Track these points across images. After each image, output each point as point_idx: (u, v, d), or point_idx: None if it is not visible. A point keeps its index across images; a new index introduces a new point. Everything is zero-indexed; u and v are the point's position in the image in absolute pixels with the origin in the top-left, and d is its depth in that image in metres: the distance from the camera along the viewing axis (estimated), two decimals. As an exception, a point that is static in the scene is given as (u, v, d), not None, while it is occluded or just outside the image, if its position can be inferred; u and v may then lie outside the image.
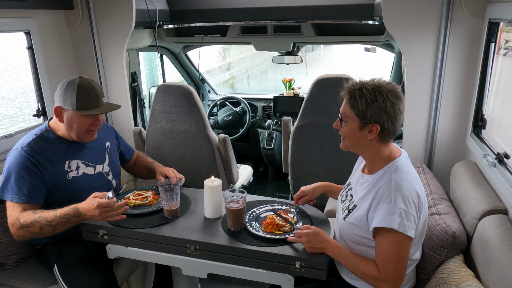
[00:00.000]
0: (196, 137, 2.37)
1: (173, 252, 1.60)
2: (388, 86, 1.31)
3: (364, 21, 2.69)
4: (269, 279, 1.51)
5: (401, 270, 1.29)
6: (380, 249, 1.31)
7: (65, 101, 1.67)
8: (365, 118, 1.30)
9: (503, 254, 1.24)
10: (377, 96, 1.28)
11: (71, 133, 1.74)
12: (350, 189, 1.53)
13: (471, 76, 1.99)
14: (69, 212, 1.59)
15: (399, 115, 1.31)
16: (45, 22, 2.29)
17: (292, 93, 3.63)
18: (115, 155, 2.01)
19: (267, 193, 3.81)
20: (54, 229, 1.60)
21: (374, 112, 1.29)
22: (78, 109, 1.66)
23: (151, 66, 4.11)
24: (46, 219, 1.58)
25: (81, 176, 1.78)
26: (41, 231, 1.59)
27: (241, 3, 2.82)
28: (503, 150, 1.63)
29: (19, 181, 1.62)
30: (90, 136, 1.77)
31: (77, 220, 1.61)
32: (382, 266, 1.29)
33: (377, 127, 1.31)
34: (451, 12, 1.92)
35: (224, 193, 1.61)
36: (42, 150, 1.69)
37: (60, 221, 1.59)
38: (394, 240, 1.27)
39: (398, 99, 1.31)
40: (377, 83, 1.31)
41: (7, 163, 1.67)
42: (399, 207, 1.26)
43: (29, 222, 1.58)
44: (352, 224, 1.41)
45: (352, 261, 1.37)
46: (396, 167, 1.34)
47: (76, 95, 1.65)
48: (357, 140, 1.36)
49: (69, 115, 1.69)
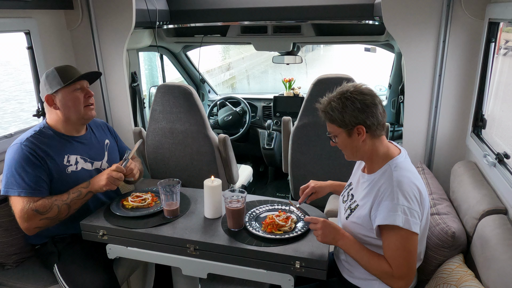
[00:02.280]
0: (196, 137, 2.37)
1: (173, 252, 1.60)
2: (351, 88, 1.37)
3: (364, 21, 2.69)
4: (269, 279, 1.51)
5: (412, 265, 1.30)
6: (388, 246, 1.31)
7: (51, 85, 1.72)
8: (346, 125, 1.36)
9: (503, 254, 1.24)
10: (345, 102, 1.34)
11: (71, 115, 1.76)
12: (351, 189, 1.54)
13: (471, 76, 1.99)
14: (80, 185, 1.72)
15: (374, 107, 1.34)
16: (45, 22, 2.29)
17: (292, 93, 3.63)
18: (114, 153, 2.02)
19: (267, 193, 3.81)
20: (69, 207, 1.68)
21: (350, 116, 1.34)
22: (64, 83, 1.71)
23: (151, 66, 4.11)
24: (61, 200, 1.67)
25: (80, 171, 1.79)
26: (59, 213, 1.66)
27: (241, 3, 2.82)
28: (503, 150, 1.63)
29: (23, 174, 1.63)
30: (90, 110, 1.81)
31: (86, 191, 1.72)
32: (393, 262, 1.29)
33: (362, 127, 1.34)
34: (451, 12, 1.92)
35: (224, 193, 1.61)
36: (41, 144, 1.70)
37: (74, 196, 1.69)
38: (400, 236, 1.27)
39: (365, 94, 1.35)
40: (340, 91, 1.38)
41: (7, 159, 1.68)
42: (402, 204, 1.27)
43: (48, 208, 1.64)
44: (354, 223, 1.41)
45: (366, 257, 1.35)
46: (396, 165, 1.36)
47: (58, 74, 1.71)
48: (353, 146, 1.40)
49: (60, 97, 1.73)
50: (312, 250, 1.46)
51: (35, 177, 1.65)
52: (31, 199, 1.63)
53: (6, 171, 1.66)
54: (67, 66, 1.78)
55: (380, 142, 1.40)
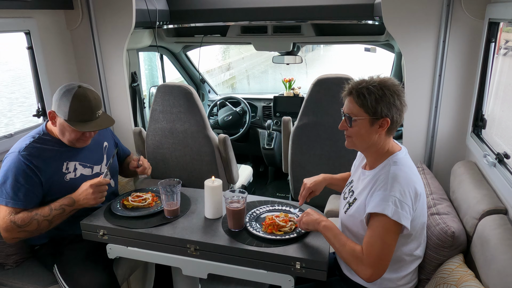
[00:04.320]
0: (196, 137, 2.37)
1: (173, 252, 1.60)
2: (392, 81, 1.37)
3: (364, 21, 2.69)
4: (269, 279, 1.51)
5: (383, 256, 1.28)
6: (368, 234, 1.31)
7: (59, 108, 1.66)
8: (376, 113, 1.34)
9: (503, 254, 1.24)
10: (385, 91, 1.33)
11: (63, 139, 1.74)
12: (352, 186, 1.55)
13: (471, 76, 1.99)
14: (63, 202, 1.63)
15: (404, 107, 1.38)
16: (45, 22, 2.29)
17: (292, 93, 3.63)
18: (112, 155, 2.00)
19: (267, 193, 3.81)
20: (51, 223, 1.63)
21: (384, 106, 1.33)
22: (68, 121, 1.65)
23: (151, 66, 4.11)
24: (42, 215, 1.62)
25: (78, 178, 1.78)
26: (38, 227, 1.61)
27: (241, 3, 2.82)
28: (503, 150, 1.63)
29: (14, 186, 1.61)
30: (83, 143, 1.76)
31: (71, 209, 1.65)
32: (367, 248, 1.29)
33: (388, 120, 1.34)
34: (451, 12, 1.92)
35: (225, 194, 1.61)
36: (39, 153, 1.68)
37: (56, 213, 1.63)
38: (384, 226, 1.27)
39: (402, 92, 1.38)
40: (382, 79, 1.37)
41: (4, 166, 1.66)
42: (394, 195, 1.28)
43: (27, 222, 1.60)
44: (352, 216, 1.43)
45: (343, 240, 1.36)
46: (396, 160, 1.38)
47: (70, 106, 1.62)
48: (367, 136, 1.38)
49: (61, 122, 1.69)
50: (312, 251, 1.46)
51: (27, 190, 1.62)
52: (14, 210, 1.61)
53: (1, 179, 1.64)
54: (85, 100, 1.64)
55: (388, 140, 1.42)
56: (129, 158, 2.16)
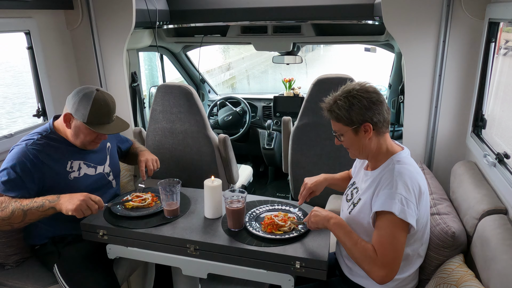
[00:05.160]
0: (196, 137, 2.37)
1: (173, 252, 1.60)
2: (356, 87, 1.38)
3: (364, 21, 2.69)
4: (269, 279, 1.51)
5: (397, 254, 1.26)
6: (378, 233, 1.30)
7: (77, 111, 1.67)
8: (353, 123, 1.36)
9: (503, 254, 1.24)
10: (351, 100, 1.35)
11: (76, 141, 1.75)
12: (355, 188, 1.54)
13: (471, 76, 1.99)
14: (47, 198, 1.59)
15: (380, 105, 1.36)
16: (45, 22, 2.29)
17: (292, 93, 3.63)
18: (116, 156, 2.02)
19: (267, 193, 3.81)
20: (25, 215, 1.56)
21: (357, 114, 1.35)
22: (88, 124, 1.67)
23: (151, 66, 4.11)
24: (20, 204, 1.57)
25: (82, 177, 1.79)
26: (11, 215, 1.55)
27: (241, 3, 2.83)
28: (503, 150, 1.63)
29: (9, 173, 1.61)
30: (94, 145, 1.79)
31: (51, 205, 1.57)
32: (379, 248, 1.27)
33: (369, 124, 1.35)
34: (451, 12, 1.92)
35: (224, 193, 1.62)
36: (46, 148, 1.70)
37: (34, 205, 1.56)
38: (393, 224, 1.27)
39: (370, 92, 1.36)
40: (346, 90, 1.39)
41: (9, 154, 1.68)
42: (400, 193, 1.28)
43: (2, 206, 1.56)
44: (357, 216, 1.43)
45: (354, 239, 1.33)
46: (399, 159, 1.38)
47: (90, 109, 1.65)
48: (359, 144, 1.40)
49: (77, 125, 1.70)
50: (312, 250, 1.46)
51: (18, 180, 1.61)
52: None
53: (3, 165, 1.66)
54: (104, 104, 1.68)
55: (384, 140, 1.42)
56: (132, 148, 2.16)
